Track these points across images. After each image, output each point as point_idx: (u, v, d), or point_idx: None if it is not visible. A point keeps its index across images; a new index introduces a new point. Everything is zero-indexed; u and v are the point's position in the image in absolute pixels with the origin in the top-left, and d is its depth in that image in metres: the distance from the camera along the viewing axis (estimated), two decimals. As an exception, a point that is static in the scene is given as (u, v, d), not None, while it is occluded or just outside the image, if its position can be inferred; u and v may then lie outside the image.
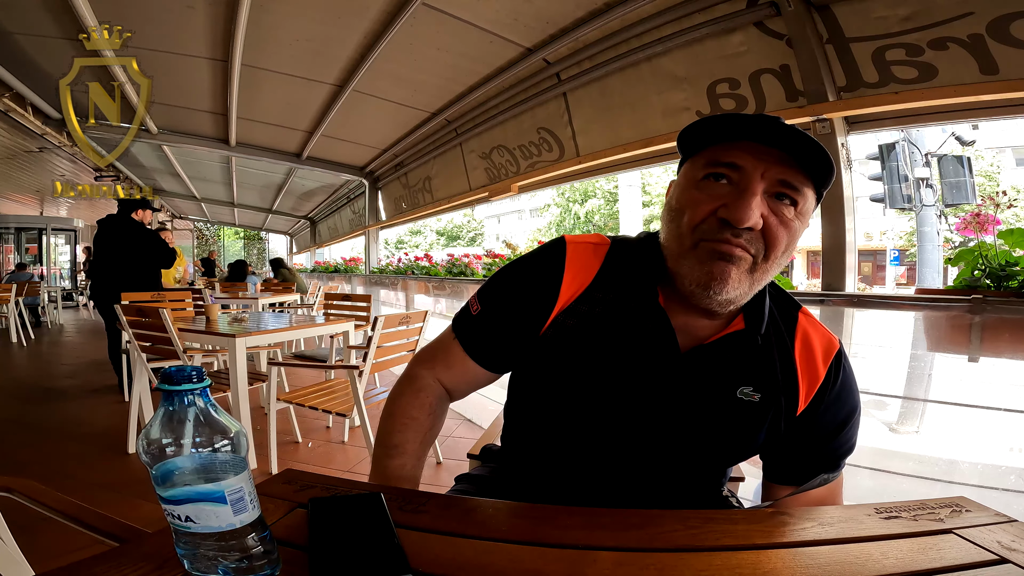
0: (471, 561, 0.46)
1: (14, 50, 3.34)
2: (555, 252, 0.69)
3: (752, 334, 0.63)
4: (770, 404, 0.63)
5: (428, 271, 4.75)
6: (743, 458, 0.70)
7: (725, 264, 0.57)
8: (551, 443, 0.69)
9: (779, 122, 0.56)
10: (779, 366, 0.64)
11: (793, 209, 0.57)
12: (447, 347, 0.74)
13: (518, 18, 2.52)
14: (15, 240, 10.83)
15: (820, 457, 0.67)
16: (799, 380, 0.64)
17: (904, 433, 2.37)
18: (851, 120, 1.89)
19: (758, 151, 0.56)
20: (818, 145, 0.55)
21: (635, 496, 0.67)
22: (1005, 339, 1.47)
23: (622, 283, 0.66)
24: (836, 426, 0.66)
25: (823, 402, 0.65)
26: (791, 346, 0.66)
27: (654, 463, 0.66)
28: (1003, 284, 1.41)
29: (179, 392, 0.41)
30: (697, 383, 0.63)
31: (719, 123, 0.58)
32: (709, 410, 0.63)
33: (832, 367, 0.65)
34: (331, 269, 8.02)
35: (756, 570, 0.45)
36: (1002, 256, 1.44)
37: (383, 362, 2.18)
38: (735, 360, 0.64)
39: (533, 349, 0.67)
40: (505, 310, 0.70)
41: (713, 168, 0.58)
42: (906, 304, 1.69)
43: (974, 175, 5.66)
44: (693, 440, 0.64)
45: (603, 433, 0.65)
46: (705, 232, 0.58)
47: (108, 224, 3.51)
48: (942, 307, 1.50)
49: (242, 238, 22.46)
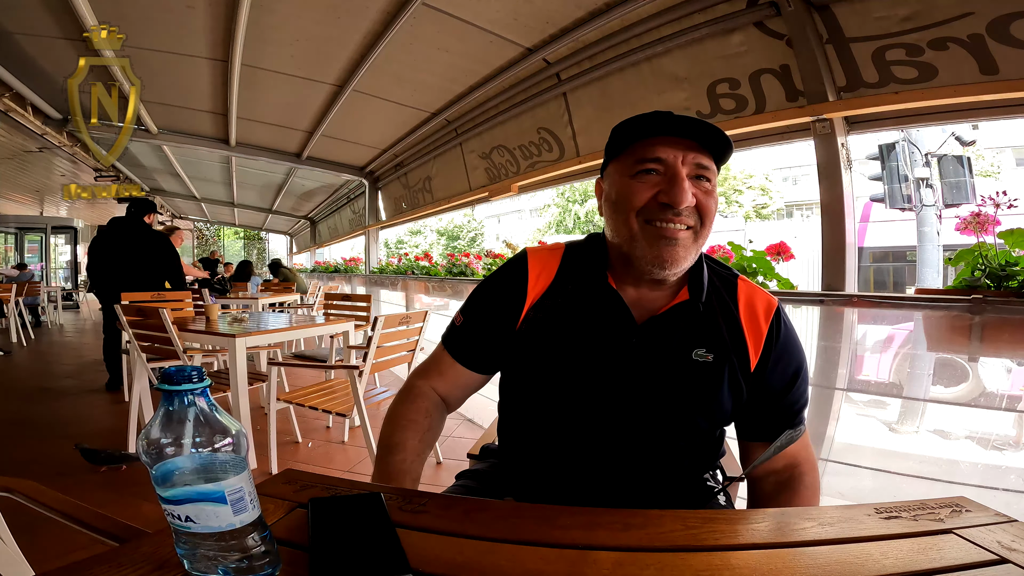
0: (471, 561, 0.46)
1: (14, 50, 3.34)
2: (520, 261, 0.80)
3: (695, 302, 0.73)
4: (723, 362, 0.71)
5: (428, 271, 4.75)
6: (715, 422, 0.75)
7: (671, 246, 0.68)
8: (539, 425, 0.76)
9: (683, 118, 0.67)
10: (725, 328, 0.73)
11: (708, 184, 0.69)
12: (438, 359, 0.83)
13: (518, 18, 2.52)
14: (15, 240, 10.83)
15: (781, 411, 0.74)
16: (746, 338, 0.73)
17: (904, 433, 2.37)
18: (851, 120, 1.89)
19: (675, 144, 0.67)
20: (716, 129, 0.67)
21: (625, 472, 0.72)
22: (1005, 339, 1.47)
23: (578, 275, 0.77)
24: (788, 380, 0.74)
25: (771, 357, 0.73)
26: (735, 309, 0.75)
27: (634, 431, 0.72)
28: (1003, 284, 1.41)
29: (179, 392, 0.42)
30: (656, 349, 0.72)
31: (638, 126, 0.69)
32: (670, 373, 0.71)
33: (773, 322, 0.74)
34: (331, 269, 8.02)
35: (756, 570, 0.45)
36: (1002, 256, 1.44)
37: (383, 362, 2.18)
38: (686, 326, 0.72)
39: (512, 344, 0.77)
40: (484, 315, 0.80)
41: (643, 165, 0.69)
42: (906, 304, 1.69)
43: (974, 175, 5.66)
44: (662, 402, 0.71)
45: (582, 406, 0.72)
46: (648, 214, 0.68)
47: (118, 226, 3.52)
48: (942, 307, 1.50)
49: (242, 238, 22.46)
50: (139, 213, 3.54)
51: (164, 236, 3.67)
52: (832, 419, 1.79)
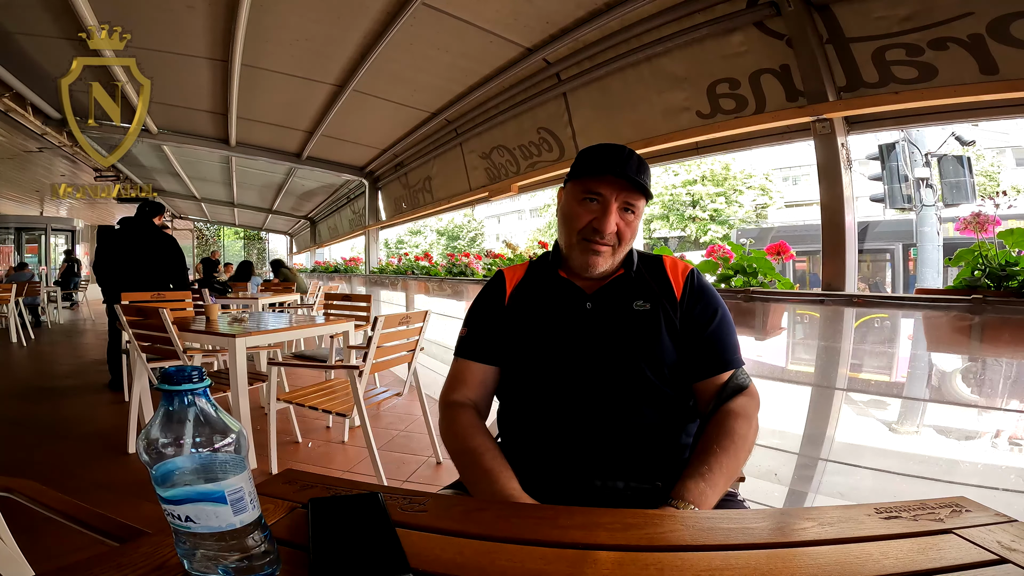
0: (471, 561, 0.46)
1: (14, 50, 3.34)
2: (498, 275, 1.04)
3: (628, 272, 0.96)
4: (658, 308, 0.91)
5: (428, 271, 4.75)
6: (663, 363, 0.88)
7: (596, 257, 0.91)
8: (525, 391, 0.92)
9: (627, 158, 0.89)
10: (655, 285, 0.95)
11: (632, 215, 0.91)
12: (458, 370, 0.97)
13: (518, 18, 2.52)
14: (15, 240, 10.83)
15: (711, 345, 0.90)
16: (673, 287, 0.94)
17: (904, 433, 2.37)
18: (851, 120, 1.88)
19: (614, 183, 0.89)
20: (642, 167, 0.90)
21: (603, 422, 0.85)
22: (1005, 339, 1.47)
23: (539, 274, 1.01)
24: (710, 315, 0.92)
25: (691, 295, 0.93)
26: (663, 271, 0.96)
27: (601, 380, 0.87)
28: (1003, 284, 1.40)
29: (179, 392, 0.42)
30: (605, 308, 0.93)
31: (594, 161, 0.90)
32: (620, 322, 0.91)
33: (690, 275, 0.95)
34: (331, 269, 8.01)
35: (756, 570, 0.45)
36: (1002, 256, 1.44)
37: (383, 362, 2.18)
38: (626, 288, 0.94)
39: (501, 329, 0.96)
40: (482, 317, 1.00)
41: (588, 195, 0.91)
42: (906, 304, 1.69)
43: (974, 175, 5.66)
44: (619, 348, 0.88)
45: (557, 367, 0.89)
46: (584, 233, 0.92)
47: (128, 226, 3.52)
48: (942, 307, 1.50)
49: (242, 238, 22.46)
50: (151, 214, 3.55)
51: (173, 239, 3.68)
52: (832, 419, 1.79)
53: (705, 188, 20.23)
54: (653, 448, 0.86)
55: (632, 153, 0.91)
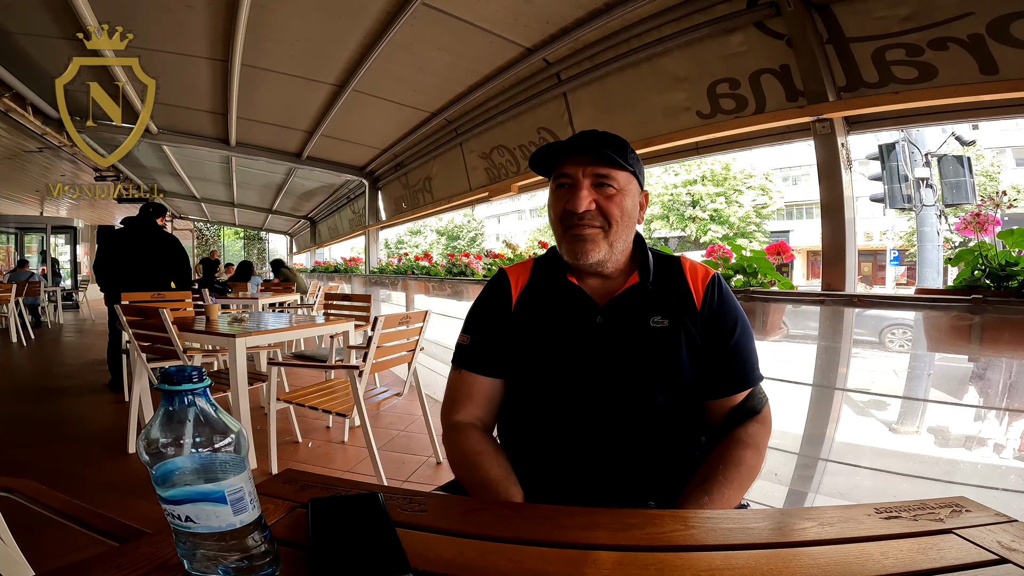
0: (471, 561, 0.46)
1: (14, 50, 3.34)
2: (500, 276, 0.95)
3: (645, 282, 0.86)
4: (678, 324, 0.83)
5: (428, 271, 4.74)
6: (681, 382, 0.81)
7: (582, 243, 0.82)
8: (530, 406, 0.85)
9: (590, 135, 0.84)
10: (674, 296, 0.85)
11: (612, 188, 0.82)
12: (459, 384, 0.89)
13: (518, 18, 2.51)
14: (15, 240, 10.82)
15: (730, 359, 0.83)
16: (694, 296, 0.85)
17: (904, 433, 2.37)
18: (851, 120, 1.88)
19: (578, 161, 0.83)
20: (609, 140, 0.83)
21: (611, 440, 0.80)
22: (1005, 339, 1.47)
23: (545, 278, 0.91)
24: (731, 326, 0.84)
25: (713, 304, 0.85)
26: (683, 275, 0.87)
27: (611, 400, 0.80)
28: (1003, 284, 1.40)
29: (179, 392, 0.42)
30: (619, 323, 0.84)
31: (552, 151, 0.85)
32: (634, 340, 0.82)
33: (712, 281, 0.87)
34: (331, 269, 8.01)
35: (756, 570, 0.45)
36: (1002, 256, 1.44)
37: (383, 362, 2.18)
38: (641, 301, 0.85)
39: (507, 339, 0.88)
40: (485, 324, 0.91)
41: (557, 181, 0.85)
42: (906, 304, 1.69)
43: (974, 175, 5.66)
44: (632, 368, 0.81)
45: (565, 383, 0.82)
46: (565, 220, 0.84)
47: (132, 226, 3.52)
48: (942, 307, 1.50)
49: (242, 238, 22.46)
50: (155, 215, 3.56)
51: (176, 239, 3.68)
52: (832, 419, 1.79)
53: (705, 188, 20.25)
54: (660, 473, 0.81)
55: (598, 132, 0.85)
